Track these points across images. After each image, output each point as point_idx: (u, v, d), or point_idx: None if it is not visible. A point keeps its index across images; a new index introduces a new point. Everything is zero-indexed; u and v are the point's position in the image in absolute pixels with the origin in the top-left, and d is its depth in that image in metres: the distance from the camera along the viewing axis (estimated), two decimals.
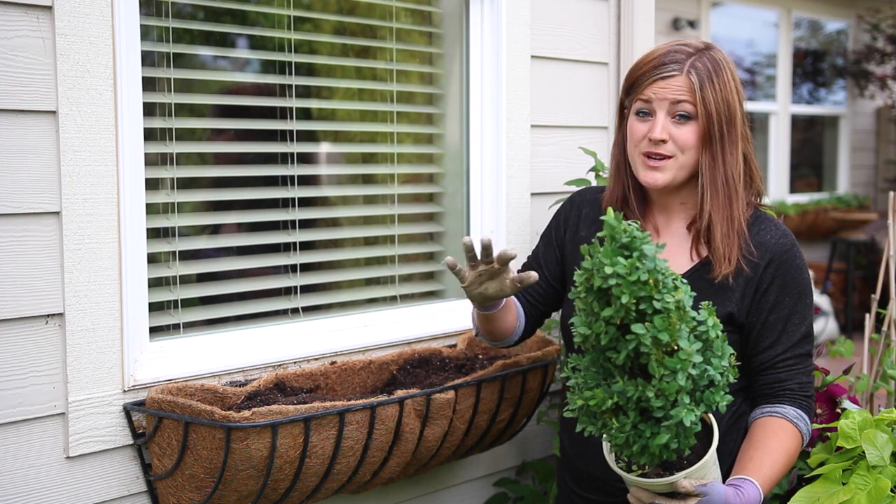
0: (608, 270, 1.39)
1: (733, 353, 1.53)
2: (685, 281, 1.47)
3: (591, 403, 1.48)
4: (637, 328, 1.40)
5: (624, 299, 1.39)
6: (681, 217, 1.89)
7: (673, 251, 1.86)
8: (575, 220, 2.01)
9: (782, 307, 1.81)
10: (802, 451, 2.08)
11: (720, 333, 1.51)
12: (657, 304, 1.40)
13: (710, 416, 1.58)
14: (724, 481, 1.68)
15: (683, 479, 1.53)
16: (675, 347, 1.43)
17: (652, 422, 1.47)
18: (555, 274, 2.03)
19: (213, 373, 1.93)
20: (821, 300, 7.01)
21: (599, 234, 1.45)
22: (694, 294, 1.48)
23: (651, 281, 1.40)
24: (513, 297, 1.99)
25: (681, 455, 1.55)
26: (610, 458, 1.60)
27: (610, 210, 1.44)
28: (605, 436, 1.54)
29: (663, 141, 1.79)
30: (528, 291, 2.06)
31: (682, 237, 1.88)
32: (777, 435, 1.76)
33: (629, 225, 1.43)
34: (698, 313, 1.50)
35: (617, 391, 1.46)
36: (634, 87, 1.83)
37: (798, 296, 1.82)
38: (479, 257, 1.74)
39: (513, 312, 1.95)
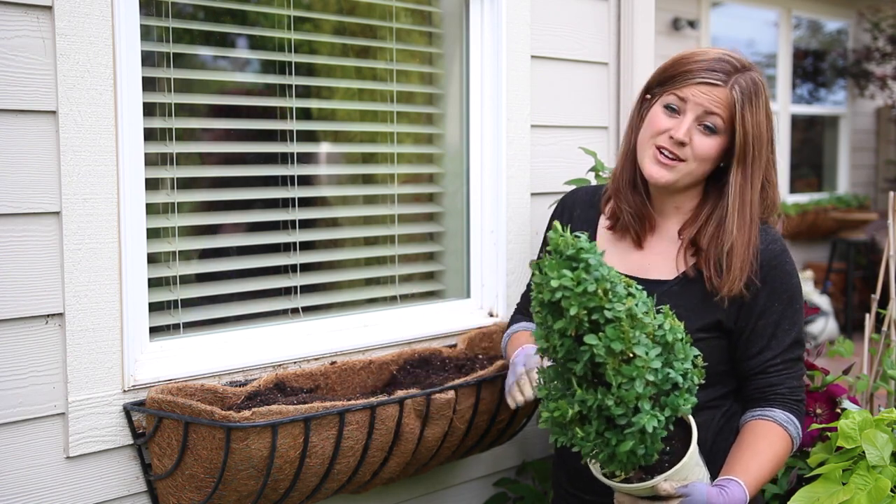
0: (554, 284, 1.41)
1: (698, 355, 1.54)
2: (640, 287, 1.49)
3: (555, 415, 1.50)
4: (590, 339, 1.42)
5: (573, 311, 1.40)
6: (673, 221, 1.89)
7: (660, 255, 1.86)
8: (567, 222, 2.01)
9: (771, 312, 1.80)
10: (802, 451, 2.09)
11: (683, 336, 1.51)
12: (608, 314, 1.41)
13: (690, 416, 1.59)
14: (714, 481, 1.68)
15: (664, 482, 1.54)
16: (632, 355, 1.43)
17: (617, 429, 1.47)
18: None
19: (213, 373, 1.93)
20: (821, 300, 7.00)
21: (547, 248, 1.47)
22: (651, 298, 1.50)
23: (600, 291, 1.41)
24: (524, 329, 2.09)
25: (663, 458, 1.56)
26: (593, 466, 1.61)
27: (556, 224, 1.46)
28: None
29: (683, 143, 1.78)
30: None
31: (672, 240, 1.88)
32: (766, 437, 1.76)
33: (575, 237, 1.44)
34: (658, 317, 1.51)
35: (578, 401, 1.47)
36: (674, 80, 1.80)
37: (787, 301, 1.82)
38: None
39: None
